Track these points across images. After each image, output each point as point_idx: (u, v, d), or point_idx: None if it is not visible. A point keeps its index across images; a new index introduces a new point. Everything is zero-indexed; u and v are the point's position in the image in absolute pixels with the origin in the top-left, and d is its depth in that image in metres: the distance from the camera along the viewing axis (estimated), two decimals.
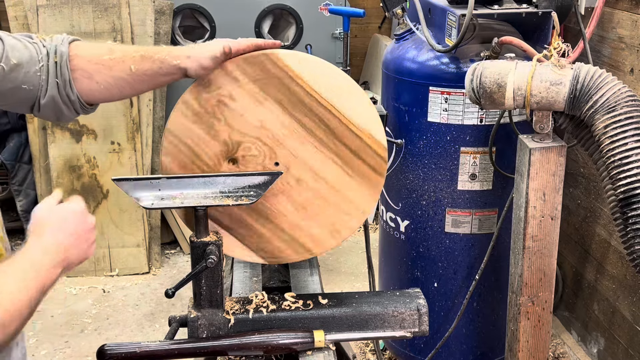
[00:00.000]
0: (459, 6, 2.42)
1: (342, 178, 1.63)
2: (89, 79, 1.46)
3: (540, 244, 2.18)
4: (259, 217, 1.64)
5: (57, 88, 1.43)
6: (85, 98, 1.48)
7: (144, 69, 1.47)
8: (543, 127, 2.10)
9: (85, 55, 1.47)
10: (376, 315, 1.60)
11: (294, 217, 1.64)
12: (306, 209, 1.63)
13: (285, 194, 1.63)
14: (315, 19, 4.25)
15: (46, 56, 1.42)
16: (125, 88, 1.49)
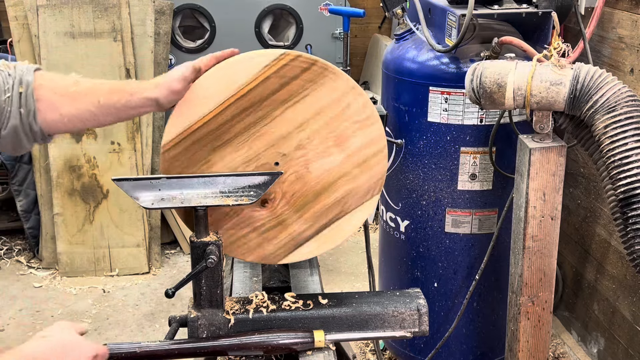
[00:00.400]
0: (459, 6, 2.42)
1: (306, 103, 1.60)
2: (53, 111, 1.44)
3: (540, 244, 2.18)
4: (330, 190, 1.66)
5: (20, 118, 1.40)
6: (47, 128, 1.45)
7: (112, 101, 1.45)
8: (543, 127, 2.10)
9: (50, 85, 1.44)
10: (376, 315, 1.60)
11: (338, 158, 1.64)
12: (332, 145, 1.62)
13: (309, 162, 1.63)
14: (315, 19, 4.25)
15: (11, 87, 1.40)
16: (89, 120, 1.47)
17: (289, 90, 1.58)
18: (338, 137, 1.61)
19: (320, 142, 1.61)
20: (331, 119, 1.60)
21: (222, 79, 1.57)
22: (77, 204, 3.94)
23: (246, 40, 4.23)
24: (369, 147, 1.63)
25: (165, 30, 4.02)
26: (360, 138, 1.62)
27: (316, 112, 1.60)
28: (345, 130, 1.61)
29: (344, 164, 1.63)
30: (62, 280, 3.97)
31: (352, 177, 1.64)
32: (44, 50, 3.81)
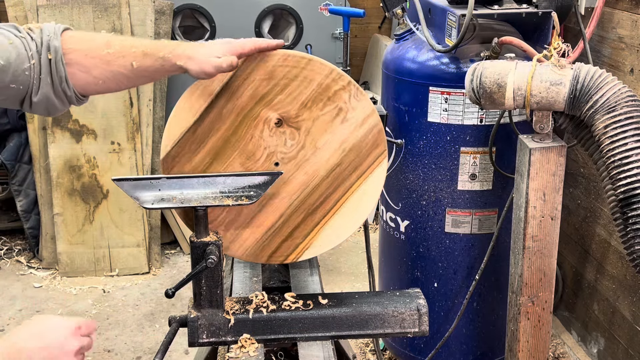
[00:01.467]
0: (459, 6, 2.42)
1: (263, 226, 1.65)
2: (87, 73, 1.43)
3: (540, 244, 2.18)
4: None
5: (52, 86, 1.40)
6: (81, 91, 1.45)
7: (145, 65, 1.45)
8: (543, 127, 2.10)
9: (81, 48, 1.42)
10: (376, 315, 1.60)
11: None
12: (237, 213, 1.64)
13: None
14: (315, 19, 4.25)
15: (37, 53, 1.37)
16: (123, 82, 1.47)
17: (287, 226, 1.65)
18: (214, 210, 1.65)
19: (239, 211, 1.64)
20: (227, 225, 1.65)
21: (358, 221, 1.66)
22: (77, 204, 3.94)
23: None
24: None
25: (165, 30, 4.02)
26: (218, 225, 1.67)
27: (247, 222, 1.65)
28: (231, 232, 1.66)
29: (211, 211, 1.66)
30: (62, 280, 3.97)
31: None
32: None
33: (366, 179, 1.64)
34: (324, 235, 1.66)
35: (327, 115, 1.59)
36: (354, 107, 1.59)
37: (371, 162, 1.63)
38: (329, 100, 1.59)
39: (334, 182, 1.63)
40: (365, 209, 1.66)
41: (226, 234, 1.65)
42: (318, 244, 1.67)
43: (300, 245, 1.67)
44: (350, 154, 1.62)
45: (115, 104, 3.86)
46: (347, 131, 1.60)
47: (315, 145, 1.61)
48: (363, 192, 1.65)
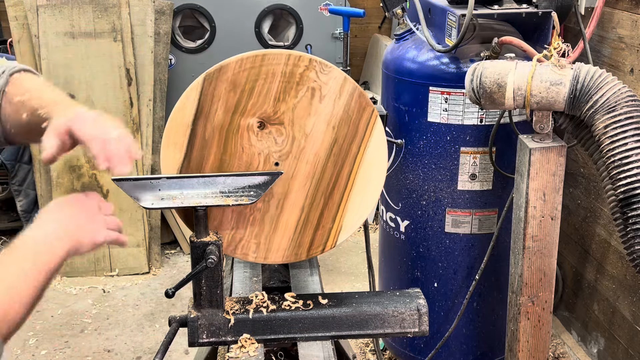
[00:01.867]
0: (459, 6, 2.42)
1: (290, 226, 1.65)
2: (5, 120, 1.34)
3: (540, 244, 2.18)
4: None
5: None
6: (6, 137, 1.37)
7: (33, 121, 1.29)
8: (543, 127, 2.10)
9: (11, 92, 1.34)
10: (376, 315, 1.60)
11: (229, 213, 1.64)
12: (244, 209, 1.63)
13: None
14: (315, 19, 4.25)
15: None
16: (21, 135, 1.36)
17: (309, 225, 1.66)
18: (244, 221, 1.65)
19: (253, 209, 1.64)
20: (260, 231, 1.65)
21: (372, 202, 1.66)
22: None
23: (246, 40, 4.23)
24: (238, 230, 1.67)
25: (165, 30, 4.02)
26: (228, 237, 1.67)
27: (275, 225, 1.65)
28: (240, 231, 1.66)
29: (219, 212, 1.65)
30: (62, 280, 3.97)
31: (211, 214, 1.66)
32: (44, 50, 3.81)
33: (367, 145, 1.62)
34: (350, 212, 1.65)
35: (303, 100, 1.58)
36: (326, 82, 1.58)
37: (365, 127, 1.61)
38: (298, 85, 1.57)
39: (338, 160, 1.62)
40: (378, 173, 1.65)
41: (259, 247, 1.66)
42: (348, 222, 1.66)
43: (332, 229, 1.66)
44: (342, 127, 1.60)
45: (115, 104, 3.86)
46: (329, 107, 1.59)
47: (305, 132, 1.60)
48: (370, 159, 1.63)
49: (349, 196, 1.64)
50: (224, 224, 1.65)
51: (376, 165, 1.64)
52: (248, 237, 1.65)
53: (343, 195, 1.64)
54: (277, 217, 1.64)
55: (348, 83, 1.59)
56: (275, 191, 1.62)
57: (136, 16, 3.88)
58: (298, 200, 1.63)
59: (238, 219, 1.64)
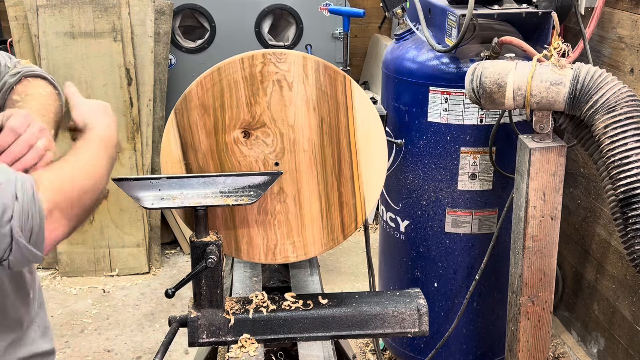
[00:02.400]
0: (459, 6, 2.42)
1: (315, 216, 1.65)
2: None
3: (540, 244, 2.18)
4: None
5: None
6: None
7: None
8: (543, 127, 2.10)
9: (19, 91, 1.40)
10: (376, 315, 1.60)
11: (251, 216, 1.64)
12: (266, 217, 1.64)
13: None
14: (315, 19, 4.25)
15: None
16: None
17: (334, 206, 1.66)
18: (269, 225, 1.67)
19: (276, 210, 1.65)
20: (290, 230, 1.66)
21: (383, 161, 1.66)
22: None
23: (246, 40, 4.23)
24: (247, 246, 1.69)
25: (165, 30, 4.02)
26: (258, 244, 1.68)
27: (302, 220, 1.66)
28: (272, 235, 1.67)
29: (242, 220, 1.67)
30: (62, 280, 3.97)
31: (225, 221, 1.67)
32: (44, 50, 3.81)
33: (353, 110, 1.61)
34: (366, 179, 1.64)
35: (274, 95, 1.58)
36: (287, 69, 1.58)
37: (343, 95, 1.60)
38: (262, 83, 1.58)
39: (332, 136, 1.62)
40: (376, 128, 1.63)
41: (295, 246, 1.67)
42: (368, 190, 1.65)
43: (357, 203, 1.65)
44: (323, 105, 1.60)
45: (115, 104, 3.86)
46: (301, 91, 1.59)
47: (289, 124, 1.60)
48: (362, 120, 1.62)
49: (358, 165, 1.63)
50: (254, 237, 1.66)
51: (371, 122, 1.62)
52: (281, 240, 1.66)
53: (352, 167, 1.63)
54: (299, 212, 1.64)
55: (309, 61, 1.58)
56: (288, 189, 1.63)
57: (136, 16, 3.88)
58: (312, 190, 1.63)
59: (264, 227, 1.65)
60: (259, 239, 1.66)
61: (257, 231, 1.65)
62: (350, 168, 1.63)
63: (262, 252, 1.67)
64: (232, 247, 1.68)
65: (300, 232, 1.65)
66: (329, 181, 1.63)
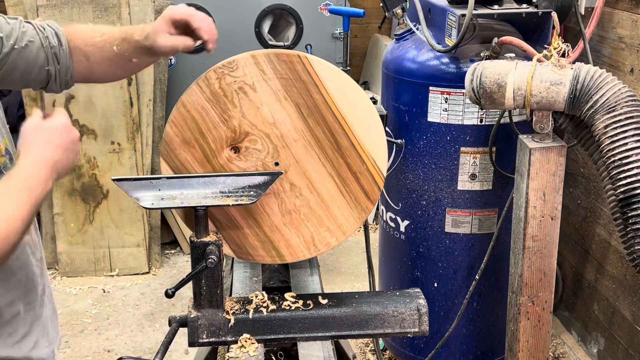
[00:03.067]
0: (459, 6, 2.42)
1: (335, 195, 1.64)
2: (87, 61, 1.51)
3: (540, 244, 2.18)
4: (242, 209, 1.64)
5: (57, 74, 1.48)
6: (79, 77, 1.53)
7: (123, 49, 1.50)
8: (543, 127, 2.10)
9: (81, 37, 1.51)
10: (376, 315, 1.60)
11: (277, 220, 1.64)
12: (291, 215, 1.64)
13: (275, 195, 1.63)
14: (315, 18, 4.25)
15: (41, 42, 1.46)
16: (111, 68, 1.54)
17: (349, 179, 1.63)
18: (299, 221, 1.66)
19: (297, 205, 1.64)
20: (318, 217, 1.65)
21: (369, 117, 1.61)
22: (77, 204, 3.94)
23: (246, 40, 4.23)
24: (287, 249, 1.68)
25: None
26: (296, 243, 1.67)
27: (326, 205, 1.64)
28: (304, 229, 1.66)
29: (271, 227, 1.66)
30: (62, 280, 3.97)
31: (255, 234, 1.67)
32: None
33: (323, 82, 1.58)
34: (367, 142, 1.62)
35: (243, 102, 1.59)
36: (242, 74, 1.58)
37: (306, 73, 1.58)
38: (226, 96, 1.58)
39: (315, 116, 1.60)
40: (352, 90, 1.61)
41: (331, 230, 1.66)
42: (374, 150, 1.63)
43: (369, 167, 1.63)
44: (292, 91, 1.59)
45: (115, 104, 3.86)
46: (266, 88, 1.58)
47: (270, 122, 1.60)
48: (336, 88, 1.59)
49: (352, 131, 1.61)
50: (290, 239, 1.67)
51: (344, 86, 1.60)
52: (315, 231, 1.65)
53: (348, 136, 1.61)
54: (319, 198, 1.64)
55: (260, 58, 1.58)
56: (298, 182, 1.62)
57: (136, 16, 3.88)
58: (321, 173, 1.63)
59: (294, 225, 1.65)
60: (294, 238, 1.66)
61: (289, 232, 1.65)
62: (346, 137, 1.61)
63: (303, 249, 1.67)
64: (274, 256, 1.68)
65: (329, 216, 1.65)
66: (333, 158, 1.62)
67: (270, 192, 1.62)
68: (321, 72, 1.58)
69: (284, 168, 1.61)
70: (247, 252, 1.68)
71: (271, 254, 1.68)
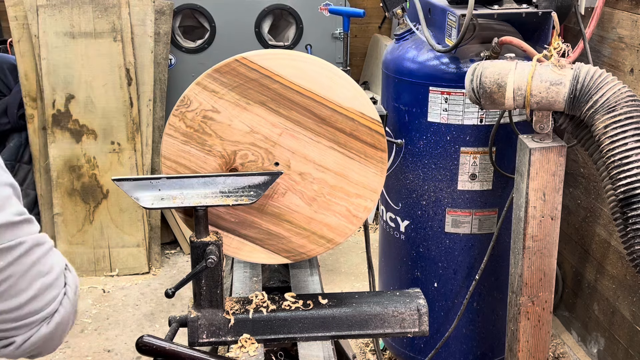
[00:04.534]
0: (459, 6, 2.42)
1: (345, 162, 1.63)
2: None
3: (540, 244, 2.18)
4: (272, 219, 1.65)
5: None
6: None
7: None
8: (543, 127, 2.10)
9: None
10: (376, 315, 1.60)
11: (307, 211, 1.65)
12: (317, 201, 1.64)
13: (292, 190, 1.63)
14: (315, 19, 4.25)
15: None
16: None
17: (349, 141, 1.62)
18: (327, 203, 1.65)
19: (315, 190, 1.64)
20: (341, 189, 1.64)
21: (331, 81, 1.58)
22: (77, 204, 3.94)
23: (246, 40, 4.23)
24: (332, 232, 1.68)
25: (165, 30, 4.02)
26: (336, 221, 1.67)
27: (341, 174, 1.63)
28: (336, 206, 1.65)
29: (306, 220, 1.66)
30: None
31: (296, 233, 1.67)
32: (44, 50, 3.81)
33: (269, 70, 1.57)
34: (345, 103, 1.61)
35: (215, 127, 1.60)
36: (199, 102, 1.58)
37: (250, 70, 1.57)
38: (197, 131, 1.60)
39: (284, 103, 1.60)
40: (301, 60, 1.59)
41: (360, 194, 1.65)
42: (356, 105, 1.61)
43: (360, 121, 1.61)
44: (251, 95, 1.58)
45: (115, 104, 3.86)
46: (226, 105, 1.59)
47: (247, 132, 1.60)
48: (284, 67, 1.58)
49: (325, 98, 1.60)
50: (329, 222, 1.67)
51: (294, 64, 1.58)
52: (346, 202, 1.66)
53: (324, 104, 1.60)
54: (332, 173, 1.64)
55: (203, 80, 1.58)
56: (305, 169, 1.63)
57: (136, 16, 3.88)
58: (320, 151, 1.63)
59: (326, 208, 1.65)
60: (332, 219, 1.66)
61: (324, 216, 1.66)
62: (323, 107, 1.60)
63: (346, 224, 1.66)
64: (324, 243, 1.68)
65: (351, 183, 1.64)
66: (323, 131, 1.61)
67: (287, 191, 1.63)
68: (265, 62, 1.57)
69: (284, 163, 1.62)
70: (299, 253, 1.69)
71: (320, 242, 1.68)
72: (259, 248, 1.68)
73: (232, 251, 1.70)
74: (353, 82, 1.62)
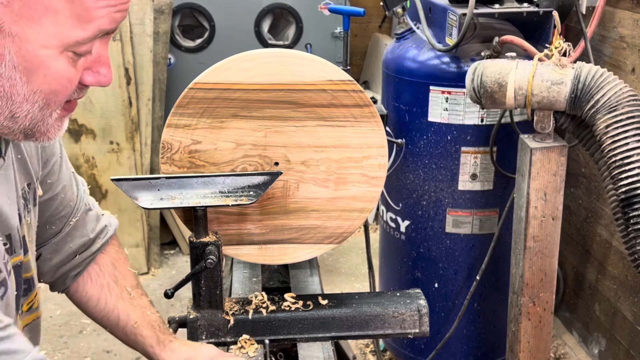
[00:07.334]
0: (459, 5, 2.42)
1: (338, 133, 1.61)
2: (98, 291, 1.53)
3: (541, 244, 2.17)
4: (299, 214, 1.64)
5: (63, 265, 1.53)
6: (70, 291, 1.57)
7: (132, 337, 1.48)
8: (544, 127, 2.09)
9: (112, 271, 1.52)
10: (376, 316, 1.59)
11: (327, 194, 1.63)
12: (331, 180, 1.62)
13: (303, 181, 1.62)
14: (315, 18, 4.24)
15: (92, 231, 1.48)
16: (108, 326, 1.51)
17: (332, 112, 1.59)
18: (341, 177, 1.63)
19: (324, 171, 1.62)
20: (348, 158, 1.62)
21: (285, 65, 1.56)
22: None
23: (246, 39, 4.22)
24: (359, 201, 1.65)
25: (164, 29, 4.01)
26: (358, 190, 1.64)
27: (340, 145, 1.61)
28: (351, 176, 1.63)
29: (330, 202, 1.64)
30: None
31: (327, 217, 1.65)
32: None
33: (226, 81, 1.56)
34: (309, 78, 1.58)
35: (203, 156, 1.59)
36: (179, 141, 1.58)
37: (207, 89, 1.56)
38: (189, 167, 1.59)
39: (254, 106, 1.57)
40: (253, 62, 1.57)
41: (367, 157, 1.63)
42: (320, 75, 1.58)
43: (332, 88, 1.58)
44: (220, 112, 1.57)
45: (114, 103, 3.85)
46: (202, 131, 1.58)
47: (233, 147, 1.60)
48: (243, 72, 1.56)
49: (289, 83, 1.57)
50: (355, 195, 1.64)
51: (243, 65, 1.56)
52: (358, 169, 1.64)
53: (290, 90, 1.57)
54: (331, 148, 1.62)
55: (172, 119, 1.57)
56: (305, 156, 1.61)
57: (135, 15, 3.87)
58: (309, 132, 1.60)
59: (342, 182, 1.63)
60: (353, 190, 1.63)
61: (345, 190, 1.63)
62: (292, 92, 1.57)
63: (368, 189, 1.64)
64: (357, 217, 1.66)
65: (354, 149, 1.61)
66: (302, 116, 1.58)
67: (298, 183, 1.62)
68: (216, 78, 1.56)
69: (283, 160, 1.60)
70: (340, 234, 1.67)
71: (353, 216, 1.66)
72: (301, 246, 1.67)
73: (278, 258, 1.70)
74: (305, 54, 1.60)
